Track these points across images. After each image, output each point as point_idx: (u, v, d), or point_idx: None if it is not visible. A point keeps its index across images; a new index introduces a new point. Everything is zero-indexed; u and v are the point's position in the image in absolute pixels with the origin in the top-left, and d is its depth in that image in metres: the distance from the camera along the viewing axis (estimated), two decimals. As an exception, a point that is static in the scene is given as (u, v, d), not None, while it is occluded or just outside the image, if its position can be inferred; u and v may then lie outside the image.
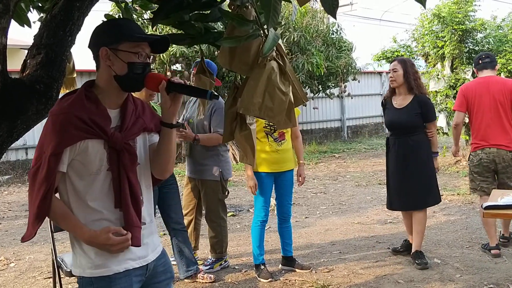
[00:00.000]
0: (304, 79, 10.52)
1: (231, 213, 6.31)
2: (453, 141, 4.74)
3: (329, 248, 4.75)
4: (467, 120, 5.69)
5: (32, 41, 2.22)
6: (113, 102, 1.75)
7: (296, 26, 10.41)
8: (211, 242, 4.25)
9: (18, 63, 2.65)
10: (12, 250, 5.15)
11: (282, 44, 2.00)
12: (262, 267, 4.03)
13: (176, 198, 3.94)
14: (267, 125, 3.96)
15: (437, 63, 8.88)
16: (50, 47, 2.14)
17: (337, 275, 3.99)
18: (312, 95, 12.40)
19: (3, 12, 1.81)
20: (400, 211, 4.51)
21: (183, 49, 9.12)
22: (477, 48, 8.81)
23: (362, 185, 8.25)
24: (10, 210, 7.35)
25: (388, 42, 14.11)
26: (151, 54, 1.75)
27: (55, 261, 3.20)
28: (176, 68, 10.15)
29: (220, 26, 3.64)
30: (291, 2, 2.24)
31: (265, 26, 1.85)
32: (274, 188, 4.11)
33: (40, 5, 2.57)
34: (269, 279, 3.94)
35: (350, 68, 11.66)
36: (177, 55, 9.22)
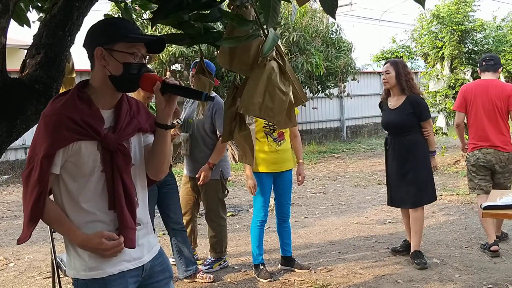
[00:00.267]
0: (304, 79, 10.51)
1: (230, 213, 6.31)
2: (459, 139, 4.90)
3: (328, 248, 4.75)
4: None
5: (31, 41, 2.22)
6: (107, 102, 1.73)
7: (296, 26, 10.41)
8: (211, 241, 4.25)
9: (17, 63, 2.65)
10: (11, 250, 5.14)
11: (281, 44, 2.00)
12: (261, 267, 4.04)
13: (175, 198, 3.94)
14: (266, 125, 3.96)
15: (436, 63, 8.87)
16: (49, 47, 2.14)
17: (336, 275, 4.00)
18: (311, 95, 12.38)
19: (3, 11, 1.82)
20: (398, 207, 4.54)
21: (183, 49, 9.12)
22: (476, 49, 8.81)
23: (361, 185, 8.25)
24: (9, 210, 7.34)
25: (388, 42, 14.08)
26: (147, 55, 1.73)
27: (54, 260, 3.19)
28: (176, 68, 10.14)
29: (219, 26, 3.64)
30: (290, 2, 2.24)
31: (264, 26, 1.85)
32: (273, 188, 4.11)
33: (39, 5, 2.57)
34: (268, 279, 3.94)
35: (350, 68, 11.66)
36: (176, 55, 9.21)
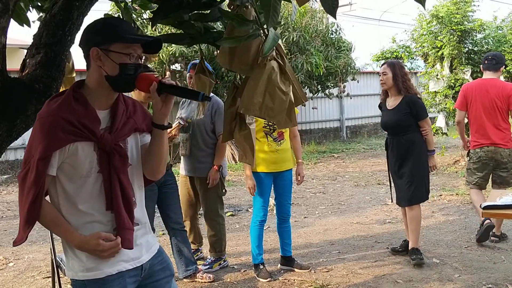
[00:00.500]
0: (303, 79, 10.51)
1: (230, 213, 6.32)
2: (460, 136, 4.99)
3: (328, 248, 4.75)
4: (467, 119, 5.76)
5: (31, 41, 2.22)
6: (103, 103, 1.72)
7: (296, 26, 10.40)
8: (211, 241, 4.25)
9: (17, 63, 2.65)
10: (11, 250, 5.14)
11: (282, 44, 2.00)
12: (261, 266, 4.04)
13: (175, 198, 3.94)
14: (266, 125, 3.96)
15: (436, 63, 8.88)
16: (49, 47, 2.14)
17: (336, 275, 4.00)
18: (311, 95, 12.38)
19: (3, 11, 1.82)
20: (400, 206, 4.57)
21: (183, 48, 9.11)
22: (476, 49, 8.81)
23: (361, 185, 8.25)
24: (9, 210, 7.34)
25: (387, 42, 14.09)
26: (143, 55, 1.72)
27: (54, 260, 3.19)
28: (176, 68, 10.13)
29: (219, 26, 3.64)
30: (290, 2, 2.23)
31: (265, 26, 1.85)
32: (273, 188, 4.11)
33: (39, 4, 2.57)
34: (268, 279, 3.94)
35: (349, 68, 11.67)
36: (176, 54, 9.21)
